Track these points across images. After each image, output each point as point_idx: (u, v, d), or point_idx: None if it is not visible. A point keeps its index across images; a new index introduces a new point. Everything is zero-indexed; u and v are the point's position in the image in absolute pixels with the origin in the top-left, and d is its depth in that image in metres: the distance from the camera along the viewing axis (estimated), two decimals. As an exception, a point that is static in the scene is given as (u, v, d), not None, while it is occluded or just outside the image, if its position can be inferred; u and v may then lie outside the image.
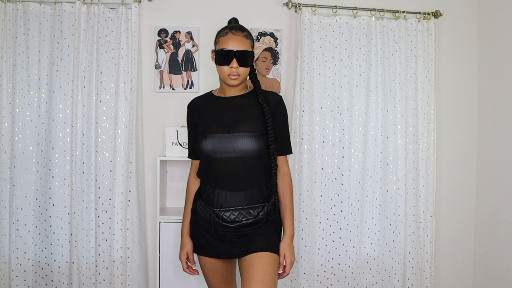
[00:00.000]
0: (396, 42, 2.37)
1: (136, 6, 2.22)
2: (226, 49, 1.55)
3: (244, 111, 1.60)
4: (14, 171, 2.18)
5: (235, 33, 1.57)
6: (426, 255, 2.38)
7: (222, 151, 1.55)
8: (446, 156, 2.51)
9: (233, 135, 1.55)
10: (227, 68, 1.55)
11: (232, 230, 1.56)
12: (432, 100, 2.38)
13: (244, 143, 1.54)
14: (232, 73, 1.55)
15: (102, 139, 2.20)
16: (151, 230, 2.34)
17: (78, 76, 2.16)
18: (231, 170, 1.55)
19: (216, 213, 1.55)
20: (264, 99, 1.61)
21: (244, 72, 1.57)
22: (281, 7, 2.37)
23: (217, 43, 1.61)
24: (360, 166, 2.34)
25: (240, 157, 1.55)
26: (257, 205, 1.57)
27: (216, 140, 1.55)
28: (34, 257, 2.21)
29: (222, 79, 1.62)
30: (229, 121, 1.58)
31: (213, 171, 1.58)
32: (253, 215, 1.55)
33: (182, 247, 1.70)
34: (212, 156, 1.56)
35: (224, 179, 1.56)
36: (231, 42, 1.56)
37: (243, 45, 1.56)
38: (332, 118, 2.33)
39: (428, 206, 2.37)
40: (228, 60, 1.54)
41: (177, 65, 2.32)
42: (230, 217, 1.54)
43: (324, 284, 2.33)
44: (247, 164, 1.56)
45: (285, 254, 1.58)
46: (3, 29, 2.15)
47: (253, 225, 1.56)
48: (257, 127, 1.57)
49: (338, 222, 2.33)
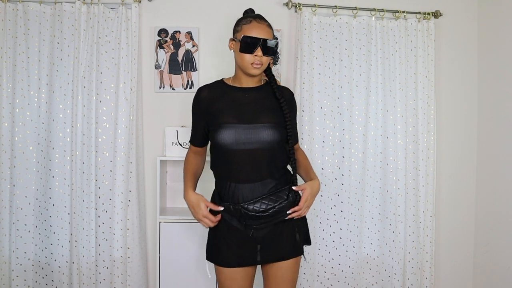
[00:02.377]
0: (396, 42, 2.37)
1: (136, 6, 2.22)
2: (252, 36, 1.50)
3: (262, 103, 1.58)
4: (14, 171, 2.18)
5: (259, 22, 1.54)
6: (426, 255, 2.38)
7: (246, 141, 1.50)
8: (446, 156, 2.51)
9: (256, 126, 1.51)
10: (250, 57, 1.51)
11: (267, 220, 1.49)
12: (432, 100, 2.38)
13: (268, 134, 1.51)
14: (256, 61, 1.51)
15: (102, 139, 2.21)
16: (151, 230, 2.34)
17: (78, 76, 2.16)
18: (253, 161, 1.51)
19: (245, 207, 1.48)
20: (281, 93, 1.60)
21: (266, 61, 1.55)
22: (281, 7, 2.37)
23: (239, 31, 1.56)
24: (360, 166, 2.34)
25: (261, 148, 1.51)
26: (283, 188, 1.53)
27: (239, 130, 1.50)
28: (34, 257, 2.21)
29: (242, 68, 1.56)
30: (248, 112, 1.54)
31: (234, 163, 1.52)
32: (283, 198, 1.50)
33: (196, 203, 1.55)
34: (232, 147, 1.50)
35: (247, 171, 1.51)
36: (256, 30, 1.52)
37: (267, 34, 1.53)
38: (332, 118, 2.33)
39: (428, 206, 2.37)
40: (253, 48, 1.50)
41: (177, 65, 2.32)
42: (262, 207, 1.48)
43: (324, 284, 2.33)
44: (268, 155, 1.53)
45: (305, 189, 1.53)
46: (3, 29, 2.15)
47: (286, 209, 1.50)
48: (275, 118, 1.56)
49: (338, 222, 2.33)
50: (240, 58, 1.54)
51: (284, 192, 1.52)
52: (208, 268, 1.67)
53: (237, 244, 1.55)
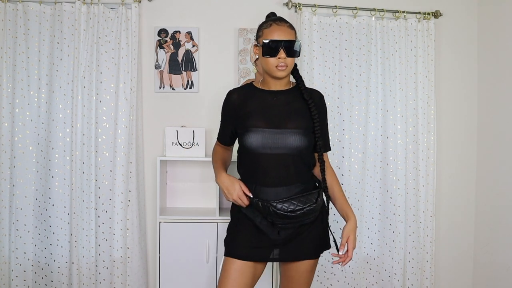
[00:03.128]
0: (396, 42, 2.37)
1: (136, 6, 2.22)
2: (273, 39, 1.50)
3: (290, 107, 1.57)
4: (14, 171, 2.17)
5: (279, 24, 1.54)
6: (426, 255, 2.38)
7: (272, 146, 1.50)
8: (446, 156, 2.51)
9: (284, 131, 1.51)
10: (274, 60, 1.50)
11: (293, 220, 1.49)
12: (432, 100, 2.38)
13: (295, 140, 1.51)
14: (280, 64, 1.50)
15: (102, 139, 2.20)
16: (151, 230, 2.34)
17: (78, 76, 2.16)
18: (280, 166, 1.51)
19: (274, 205, 1.47)
20: (309, 95, 1.58)
21: (291, 63, 1.53)
22: (281, 7, 2.37)
23: (261, 36, 1.55)
24: (360, 166, 2.34)
25: (288, 154, 1.51)
26: (313, 191, 1.53)
27: (264, 134, 1.50)
28: (34, 257, 2.21)
29: (268, 72, 1.55)
30: (277, 116, 1.53)
31: (260, 167, 1.52)
32: (313, 201, 1.51)
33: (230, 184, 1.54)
34: (259, 151, 1.51)
35: (273, 175, 1.51)
36: (277, 32, 1.51)
37: (289, 35, 1.52)
38: (332, 118, 2.33)
39: (428, 206, 2.37)
40: (276, 51, 1.49)
41: (177, 65, 2.32)
42: (290, 207, 1.48)
43: (324, 284, 2.33)
44: (295, 160, 1.52)
45: (349, 238, 1.54)
46: (3, 29, 2.15)
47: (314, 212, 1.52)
48: (304, 123, 1.54)
49: (338, 222, 2.33)
50: (265, 62, 1.54)
51: (314, 196, 1.53)
52: None
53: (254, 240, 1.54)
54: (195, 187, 2.35)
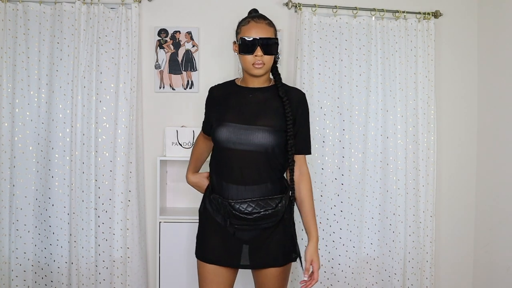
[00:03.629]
0: (396, 42, 2.37)
1: (136, 6, 2.22)
2: (250, 37, 1.50)
3: (265, 105, 1.55)
4: (14, 171, 2.17)
5: (257, 21, 1.53)
6: (426, 255, 2.38)
7: (237, 142, 1.49)
8: (446, 156, 2.51)
9: (251, 128, 1.49)
10: (251, 57, 1.50)
11: (249, 223, 1.48)
12: (432, 100, 2.38)
13: (261, 137, 1.48)
14: (257, 62, 1.50)
15: (102, 139, 2.20)
16: (151, 230, 2.34)
17: (78, 76, 2.16)
18: (245, 163, 1.49)
19: (232, 204, 1.47)
20: (285, 93, 1.55)
21: (268, 60, 1.52)
22: (281, 7, 2.37)
23: (239, 33, 1.55)
24: (360, 166, 2.34)
25: (256, 151, 1.49)
26: (275, 196, 1.51)
27: (232, 129, 1.50)
28: (34, 257, 2.21)
29: (246, 70, 1.55)
30: (248, 113, 1.53)
31: (226, 163, 1.52)
32: (272, 206, 1.49)
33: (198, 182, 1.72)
34: (226, 145, 1.50)
35: (237, 172, 1.49)
36: (254, 30, 1.51)
37: (266, 33, 1.52)
38: (332, 118, 2.33)
39: (428, 206, 2.37)
40: (252, 49, 1.49)
41: (177, 65, 2.32)
42: (247, 209, 1.47)
43: (324, 284, 2.33)
44: (262, 159, 1.50)
45: (312, 260, 1.52)
46: (3, 29, 2.15)
47: (272, 217, 1.50)
48: (276, 122, 1.52)
49: (338, 222, 2.33)
50: (242, 59, 1.54)
51: (275, 201, 1.50)
52: None
53: (221, 242, 1.54)
54: (195, 187, 2.35)
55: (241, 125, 1.50)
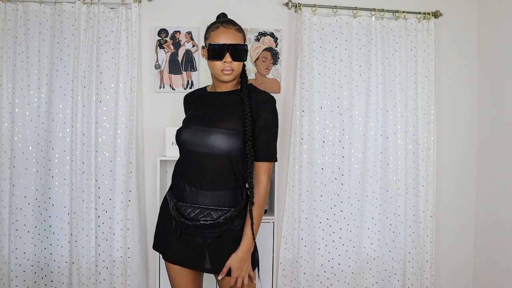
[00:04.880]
0: (396, 42, 2.37)
1: (136, 6, 2.22)
2: (219, 43, 1.49)
3: (227, 108, 1.52)
4: (14, 171, 2.17)
5: (226, 27, 1.52)
6: (426, 255, 2.38)
7: (194, 143, 1.49)
8: (446, 156, 2.51)
9: (208, 130, 1.48)
10: (220, 64, 1.49)
11: (191, 228, 1.47)
12: (432, 100, 2.38)
13: (215, 140, 1.45)
14: (226, 68, 1.49)
15: (102, 139, 2.20)
16: (151, 230, 2.34)
17: (78, 76, 2.16)
18: (201, 166, 1.47)
19: (177, 206, 1.49)
20: (246, 94, 1.50)
21: (237, 67, 1.51)
22: (281, 7, 2.37)
23: (208, 38, 1.54)
24: (360, 166, 2.34)
25: (213, 154, 1.46)
26: (222, 208, 1.46)
27: (190, 131, 1.51)
28: (34, 257, 2.21)
29: (214, 75, 1.55)
30: (209, 115, 1.53)
31: (184, 164, 1.53)
32: (212, 218, 1.44)
33: None
34: (186, 147, 1.52)
35: (193, 174, 1.48)
36: (223, 36, 1.49)
37: (235, 39, 1.50)
38: (332, 118, 2.33)
39: (428, 206, 2.37)
40: (221, 55, 1.48)
41: (177, 65, 2.32)
42: (190, 215, 1.45)
43: (324, 284, 2.33)
44: (219, 163, 1.46)
45: (231, 267, 1.45)
46: (3, 29, 2.15)
47: (213, 228, 1.45)
48: (236, 125, 1.47)
49: (338, 222, 2.33)
50: (211, 65, 1.53)
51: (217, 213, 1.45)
52: None
53: (181, 243, 1.52)
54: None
55: (199, 127, 1.51)
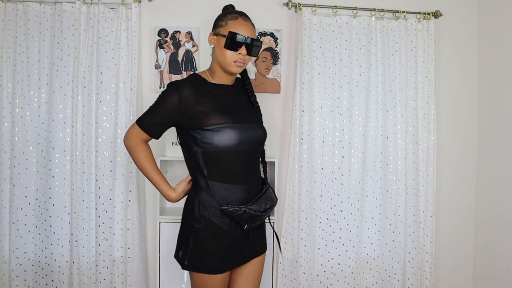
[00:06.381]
0: (396, 42, 2.37)
1: (136, 6, 2.22)
2: (240, 34, 1.42)
3: (242, 101, 1.54)
4: (14, 171, 2.18)
5: (246, 20, 1.48)
6: (426, 255, 2.38)
7: (246, 142, 1.45)
8: (446, 156, 2.51)
9: (252, 126, 1.48)
10: (234, 54, 1.43)
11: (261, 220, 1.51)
12: (432, 100, 2.38)
13: (260, 133, 1.51)
14: (239, 60, 1.44)
15: (102, 139, 2.21)
16: (151, 230, 2.34)
17: (78, 76, 2.16)
18: (249, 162, 1.47)
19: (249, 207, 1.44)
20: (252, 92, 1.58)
21: (248, 61, 1.49)
22: (281, 7, 2.37)
23: (223, 26, 1.46)
24: (360, 166, 2.34)
25: (255, 148, 1.49)
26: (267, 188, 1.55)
27: (241, 130, 1.43)
28: (34, 257, 2.21)
29: (223, 65, 1.46)
30: (237, 111, 1.49)
31: (232, 165, 1.44)
32: (274, 199, 1.54)
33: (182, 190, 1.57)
34: (234, 148, 1.42)
35: (243, 172, 1.46)
36: (242, 27, 1.44)
37: (253, 34, 1.48)
38: (332, 118, 2.33)
39: (428, 206, 2.37)
40: (238, 46, 1.43)
41: (177, 65, 2.32)
42: (260, 209, 1.46)
43: (324, 284, 2.33)
44: (257, 156, 1.52)
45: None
46: (3, 29, 2.15)
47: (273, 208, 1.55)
48: (257, 117, 1.56)
49: (338, 222, 2.33)
50: (222, 54, 1.44)
51: (271, 192, 1.55)
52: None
53: (226, 248, 1.46)
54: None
55: (242, 124, 1.45)
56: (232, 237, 1.48)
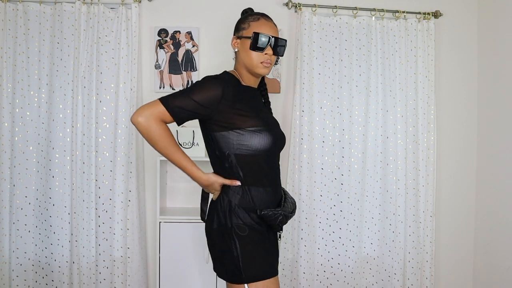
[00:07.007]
0: (396, 42, 2.37)
1: (136, 6, 2.22)
2: (265, 34, 1.40)
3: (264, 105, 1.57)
4: (14, 171, 2.18)
5: (268, 20, 1.46)
6: (426, 255, 2.38)
7: (278, 145, 1.44)
8: (446, 156, 2.51)
9: (279, 129, 1.49)
10: (260, 55, 1.40)
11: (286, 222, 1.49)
12: (432, 100, 2.38)
13: (284, 137, 1.52)
14: (266, 60, 1.40)
15: (102, 139, 2.21)
16: (151, 230, 2.34)
17: (78, 76, 2.16)
18: (275, 165, 1.47)
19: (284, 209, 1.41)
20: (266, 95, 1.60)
21: (274, 61, 1.46)
22: (281, 7, 2.37)
23: (246, 28, 1.43)
24: (360, 166, 2.34)
25: (279, 151, 1.49)
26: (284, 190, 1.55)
27: (277, 133, 1.44)
28: (35, 257, 2.21)
29: (250, 67, 1.42)
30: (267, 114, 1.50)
31: (271, 167, 1.43)
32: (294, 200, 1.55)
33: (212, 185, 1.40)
34: (269, 151, 1.40)
35: (277, 174, 1.47)
36: (266, 27, 1.42)
37: (277, 33, 1.46)
38: (332, 118, 2.33)
39: (428, 206, 2.37)
40: (263, 46, 1.40)
41: (177, 65, 2.32)
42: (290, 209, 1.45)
43: (324, 284, 2.33)
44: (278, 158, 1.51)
45: None
46: (3, 29, 2.15)
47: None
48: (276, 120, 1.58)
49: (338, 222, 2.33)
50: (248, 56, 1.41)
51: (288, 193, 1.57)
52: None
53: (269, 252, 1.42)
54: (195, 187, 2.35)
55: (274, 127, 1.44)
56: (268, 241, 1.43)
